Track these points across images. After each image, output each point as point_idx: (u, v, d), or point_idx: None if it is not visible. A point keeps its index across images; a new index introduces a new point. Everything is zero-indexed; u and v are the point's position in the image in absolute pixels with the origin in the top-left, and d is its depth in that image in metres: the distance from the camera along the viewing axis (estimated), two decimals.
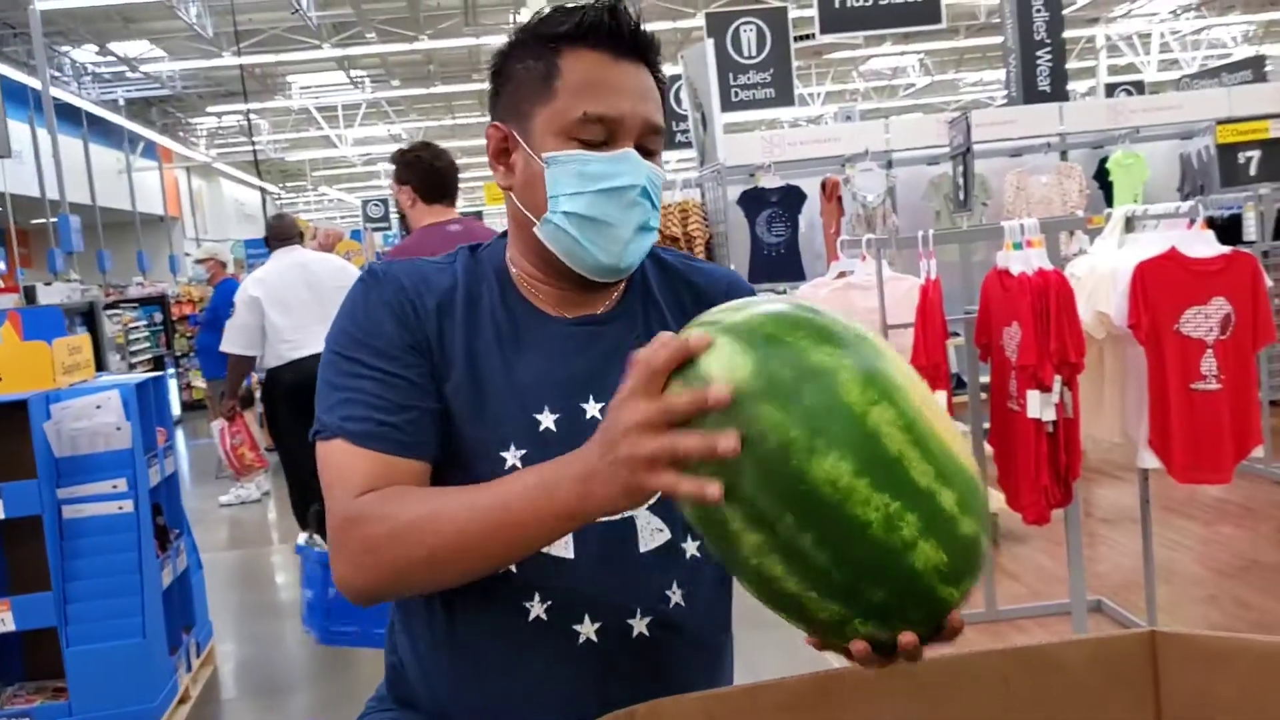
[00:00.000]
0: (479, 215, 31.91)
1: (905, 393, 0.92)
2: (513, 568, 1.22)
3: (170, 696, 3.85)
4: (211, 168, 25.65)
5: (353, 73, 19.50)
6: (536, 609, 1.23)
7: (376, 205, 20.34)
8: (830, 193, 7.57)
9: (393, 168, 3.54)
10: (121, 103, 19.54)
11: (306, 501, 4.67)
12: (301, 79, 19.97)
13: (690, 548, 1.28)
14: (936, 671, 1.21)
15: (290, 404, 4.98)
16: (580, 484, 1.01)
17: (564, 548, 1.22)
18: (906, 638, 0.94)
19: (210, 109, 21.61)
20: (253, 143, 10.99)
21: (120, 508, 3.80)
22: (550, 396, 1.26)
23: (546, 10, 1.27)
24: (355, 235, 15.31)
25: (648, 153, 1.26)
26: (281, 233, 5.38)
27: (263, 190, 12.52)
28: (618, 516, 1.22)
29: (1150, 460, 3.63)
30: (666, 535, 1.27)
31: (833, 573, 0.90)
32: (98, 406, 3.83)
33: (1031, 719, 1.18)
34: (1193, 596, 4.35)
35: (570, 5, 1.27)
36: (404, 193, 3.46)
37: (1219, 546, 5.04)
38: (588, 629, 1.23)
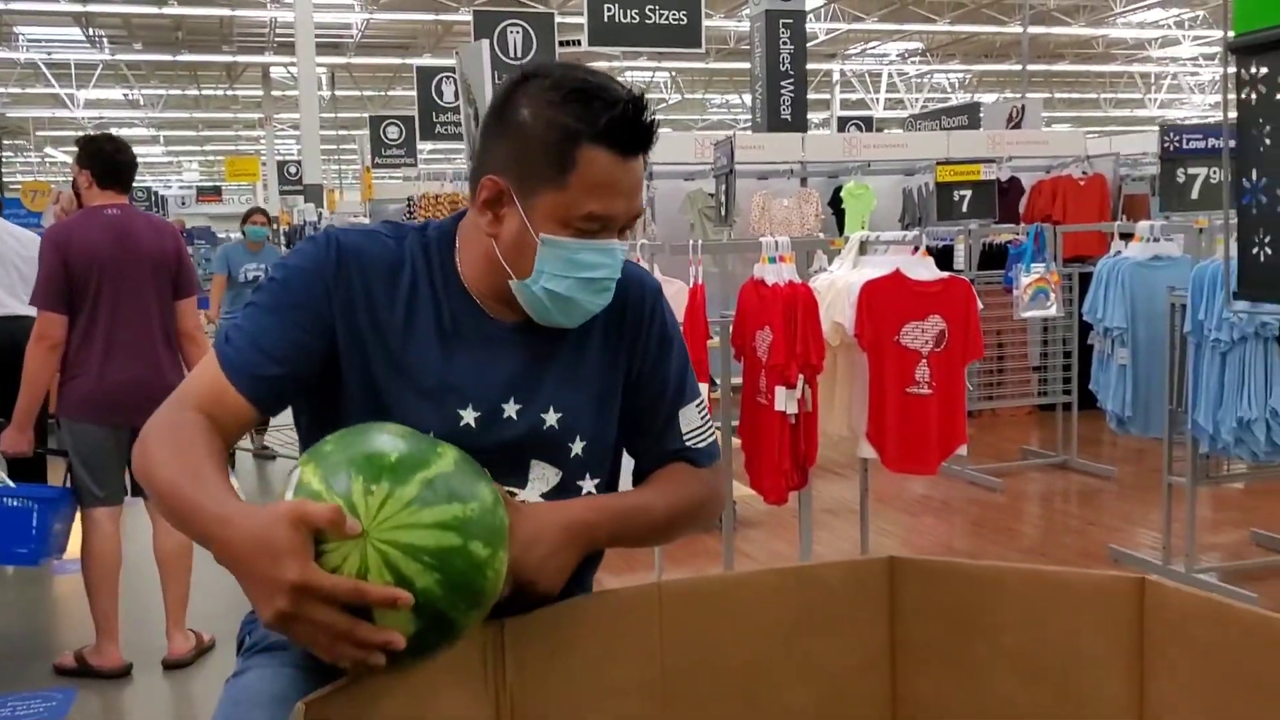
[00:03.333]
0: (217, 191, 30.65)
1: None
2: None
3: None
4: None
5: (91, 30, 18.38)
6: None
7: None
8: None
9: (76, 150, 3.89)
10: None
11: None
12: (31, 30, 18.66)
13: (588, 484, 1.48)
14: (728, 585, 1.54)
15: None
16: (240, 565, 1.12)
17: None
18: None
19: None
20: None
21: None
22: (476, 395, 1.39)
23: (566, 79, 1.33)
24: None
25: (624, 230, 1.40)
26: None
27: None
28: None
29: (868, 451, 4.16)
30: (558, 475, 1.46)
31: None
32: None
33: (800, 620, 1.53)
34: None
35: (591, 85, 1.32)
36: (83, 175, 3.81)
37: (921, 534, 5.71)
38: None
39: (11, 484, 3.84)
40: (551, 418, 1.44)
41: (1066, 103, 29.36)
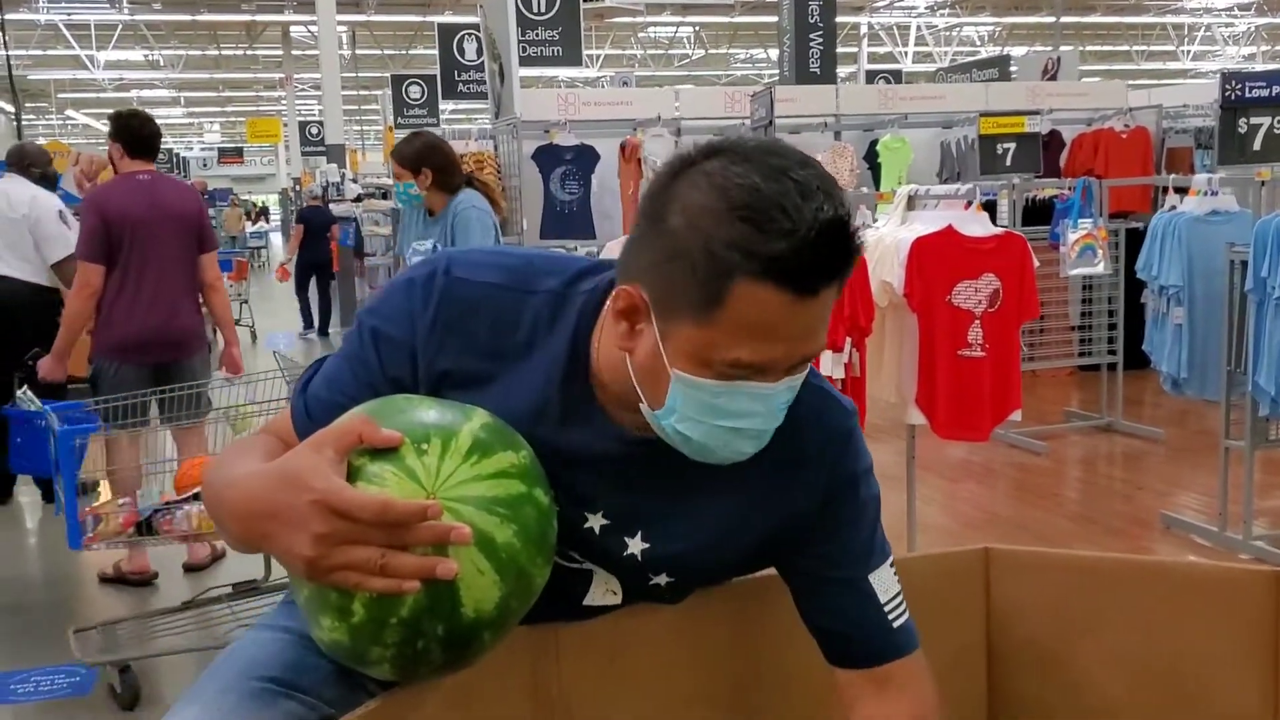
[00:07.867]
0: (239, 152, 30.56)
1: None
2: None
3: None
4: None
5: None
6: None
7: None
8: (630, 154, 7.75)
9: (109, 125, 4.42)
10: None
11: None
12: None
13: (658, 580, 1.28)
14: None
15: None
16: (264, 512, 1.01)
17: None
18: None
19: None
20: (7, 57, 9.96)
21: None
22: (560, 498, 1.15)
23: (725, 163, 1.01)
24: None
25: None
26: None
27: (17, 111, 11.48)
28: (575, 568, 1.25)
29: (917, 417, 3.99)
30: (617, 600, 1.27)
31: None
32: None
33: None
34: (944, 545, 4.80)
35: (766, 198, 0.97)
36: (115, 147, 4.32)
37: (964, 501, 5.55)
38: None
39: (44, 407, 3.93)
40: (635, 546, 1.22)
41: (1097, 55, 28.80)
